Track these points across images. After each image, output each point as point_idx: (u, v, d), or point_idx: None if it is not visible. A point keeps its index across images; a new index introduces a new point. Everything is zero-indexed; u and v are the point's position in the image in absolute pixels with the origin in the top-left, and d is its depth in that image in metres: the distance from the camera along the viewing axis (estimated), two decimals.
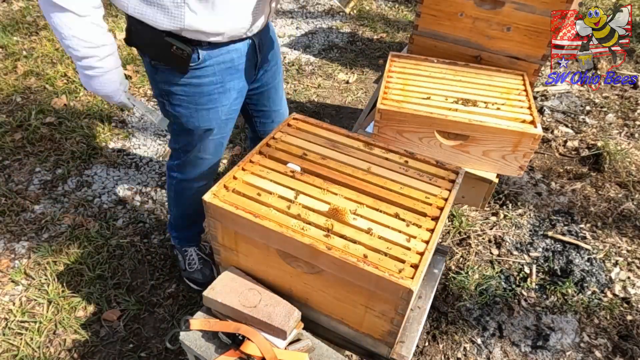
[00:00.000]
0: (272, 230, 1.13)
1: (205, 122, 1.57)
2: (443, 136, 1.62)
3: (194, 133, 1.60)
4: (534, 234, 2.39)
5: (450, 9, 1.92)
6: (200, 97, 1.49)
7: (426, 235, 1.16)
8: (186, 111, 1.53)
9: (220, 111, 1.56)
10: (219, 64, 1.45)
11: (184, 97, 1.49)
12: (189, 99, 1.49)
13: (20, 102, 3.09)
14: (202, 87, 1.47)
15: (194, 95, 1.49)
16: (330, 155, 1.39)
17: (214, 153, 1.71)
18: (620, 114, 3.25)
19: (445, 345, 1.94)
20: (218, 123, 1.59)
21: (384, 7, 4.71)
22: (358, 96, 3.45)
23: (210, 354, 1.24)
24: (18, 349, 1.85)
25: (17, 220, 2.35)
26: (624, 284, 2.17)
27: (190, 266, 2.07)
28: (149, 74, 1.52)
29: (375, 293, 1.10)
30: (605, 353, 1.92)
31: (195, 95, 1.49)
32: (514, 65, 1.94)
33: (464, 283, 2.14)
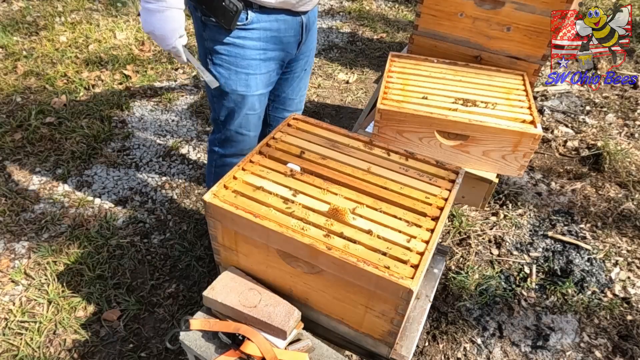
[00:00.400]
0: (272, 230, 1.13)
1: (243, 87, 1.58)
2: (443, 136, 1.62)
3: (231, 99, 1.61)
4: (534, 234, 2.39)
5: (450, 9, 1.92)
6: (242, 59, 1.52)
7: (426, 235, 1.16)
8: (226, 72, 1.55)
9: (258, 78, 1.59)
10: (266, 30, 1.48)
11: (226, 57, 1.52)
12: (231, 59, 1.52)
13: (20, 102, 3.09)
14: (245, 49, 1.50)
15: (236, 56, 1.52)
16: (330, 155, 1.39)
17: (253, 129, 1.74)
18: (620, 114, 3.25)
19: (445, 345, 1.94)
20: (254, 91, 1.61)
21: (384, 7, 4.71)
22: (358, 96, 3.45)
23: (210, 354, 1.24)
24: (18, 349, 1.85)
25: (17, 220, 2.35)
26: (624, 284, 2.17)
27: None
28: (196, 32, 1.56)
29: (375, 293, 1.10)
30: (605, 353, 1.92)
31: (238, 56, 1.52)
32: (514, 65, 1.94)
33: (464, 283, 2.14)
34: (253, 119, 1.71)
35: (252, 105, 1.66)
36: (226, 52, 1.52)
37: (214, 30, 1.48)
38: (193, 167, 2.75)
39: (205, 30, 1.51)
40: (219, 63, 1.55)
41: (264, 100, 1.71)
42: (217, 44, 1.51)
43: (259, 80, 1.60)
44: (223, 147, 1.81)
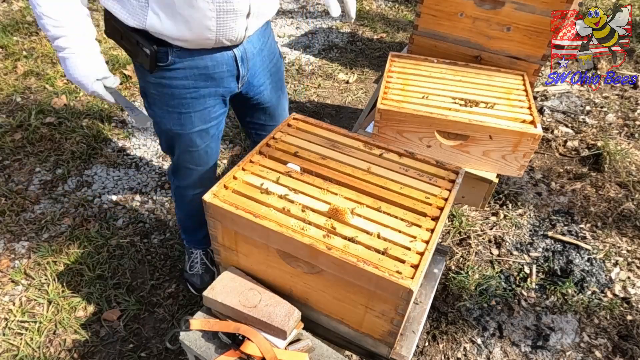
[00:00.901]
0: (272, 230, 1.13)
1: (177, 126, 1.51)
2: (443, 136, 1.62)
3: (169, 136, 1.56)
4: (534, 234, 2.39)
5: (450, 9, 1.92)
6: (172, 98, 1.45)
7: (426, 235, 1.16)
8: (159, 111, 1.49)
9: (193, 117, 1.50)
10: (192, 69, 1.39)
11: (156, 96, 1.46)
12: (161, 99, 1.46)
13: (20, 102, 3.09)
14: (173, 88, 1.42)
15: (165, 95, 1.44)
16: (330, 155, 1.39)
17: (199, 164, 1.66)
18: (620, 114, 3.25)
19: (445, 345, 1.94)
20: (190, 129, 1.53)
21: (384, 7, 4.71)
22: (358, 96, 3.45)
23: (210, 354, 1.24)
24: (18, 349, 1.85)
25: (17, 220, 2.35)
26: (624, 284, 2.17)
27: (191, 268, 2.04)
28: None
29: (375, 293, 1.10)
30: (605, 353, 1.92)
31: (166, 96, 1.44)
32: (514, 65, 1.94)
33: (464, 283, 2.14)
34: (196, 154, 1.62)
35: (191, 143, 1.57)
36: (155, 91, 1.44)
37: (140, 69, 1.42)
38: None
39: (136, 68, 1.46)
40: (151, 101, 1.49)
41: (207, 136, 1.59)
42: (146, 83, 1.44)
43: (195, 118, 1.51)
44: (176, 178, 1.76)
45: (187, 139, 1.56)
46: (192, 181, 1.73)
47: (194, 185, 1.75)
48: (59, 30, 1.24)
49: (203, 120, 1.53)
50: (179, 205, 1.91)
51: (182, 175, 1.72)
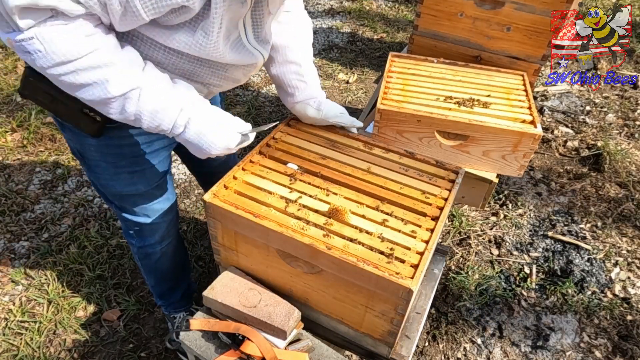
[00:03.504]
0: (272, 230, 1.13)
1: (129, 187, 1.33)
2: (443, 136, 1.62)
3: (120, 198, 1.38)
4: (534, 234, 2.39)
5: (450, 9, 1.92)
6: (121, 158, 1.26)
7: (426, 235, 1.16)
8: (104, 174, 1.29)
9: (147, 173, 1.33)
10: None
11: (99, 160, 1.25)
12: (107, 160, 1.25)
13: (20, 102, 3.09)
14: (124, 147, 1.23)
15: (112, 156, 1.25)
16: (330, 155, 1.39)
17: (163, 213, 1.48)
18: (620, 114, 3.25)
19: (445, 345, 1.94)
20: (147, 187, 1.36)
21: (384, 7, 4.71)
22: (358, 96, 3.45)
23: (210, 354, 1.24)
24: (18, 349, 1.85)
25: (17, 220, 2.35)
26: (624, 284, 2.17)
27: (178, 336, 1.80)
28: (58, 127, 1.27)
29: (375, 293, 1.10)
30: (605, 353, 1.92)
31: (114, 156, 1.25)
32: (514, 65, 1.94)
33: (464, 283, 2.14)
34: (158, 206, 1.45)
35: (150, 198, 1.40)
36: (98, 153, 1.23)
37: (76, 132, 1.19)
38: None
39: (64, 131, 1.23)
40: (92, 164, 1.27)
41: (164, 184, 1.43)
42: (84, 146, 1.22)
43: (148, 174, 1.33)
44: (139, 238, 1.53)
45: (143, 196, 1.39)
46: (158, 235, 1.54)
47: (160, 238, 1.55)
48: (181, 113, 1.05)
49: (159, 173, 1.37)
50: (148, 270, 1.68)
51: (146, 233, 1.51)
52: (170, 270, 1.71)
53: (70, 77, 0.93)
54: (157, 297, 1.83)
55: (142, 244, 1.56)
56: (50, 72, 0.92)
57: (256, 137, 1.86)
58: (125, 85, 0.96)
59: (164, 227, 1.53)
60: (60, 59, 0.90)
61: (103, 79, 0.94)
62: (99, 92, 0.95)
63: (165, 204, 1.48)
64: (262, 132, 1.31)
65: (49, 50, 0.89)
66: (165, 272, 1.70)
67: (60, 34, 0.88)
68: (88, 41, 0.91)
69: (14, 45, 0.90)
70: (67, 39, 0.89)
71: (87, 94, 0.96)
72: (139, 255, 1.61)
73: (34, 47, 0.88)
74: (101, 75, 0.94)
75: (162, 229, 1.53)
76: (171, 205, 1.51)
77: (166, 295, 1.81)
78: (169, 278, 1.74)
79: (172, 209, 1.52)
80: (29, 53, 0.89)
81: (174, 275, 1.75)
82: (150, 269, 1.67)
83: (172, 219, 1.55)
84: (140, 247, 1.57)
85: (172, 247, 1.64)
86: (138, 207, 1.41)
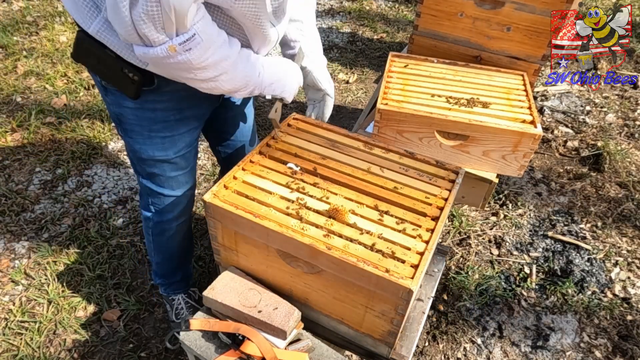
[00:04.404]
0: (272, 230, 1.13)
1: (160, 152, 1.41)
2: (443, 136, 1.62)
3: (150, 164, 1.45)
4: (534, 234, 2.39)
5: (450, 9, 1.92)
6: (154, 122, 1.34)
7: (426, 235, 1.16)
8: (139, 137, 1.38)
9: (177, 140, 1.41)
10: (177, 91, 1.29)
11: (135, 123, 1.35)
12: (141, 124, 1.35)
13: (20, 102, 3.09)
14: (157, 112, 1.32)
15: (147, 120, 1.33)
16: (330, 155, 1.39)
17: (184, 187, 1.56)
18: (620, 114, 3.25)
19: (445, 345, 1.94)
20: (174, 154, 1.44)
21: (384, 7, 4.71)
22: (358, 96, 3.45)
23: (210, 354, 1.24)
24: (18, 349, 1.85)
25: (17, 220, 2.35)
26: (624, 284, 2.17)
27: (177, 316, 1.88)
28: (100, 94, 1.35)
29: (375, 293, 1.10)
30: (605, 353, 1.92)
31: (148, 120, 1.34)
32: (514, 65, 1.94)
33: (464, 283, 2.14)
34: (182, 178, 1.53)
35: (176, 167, 1.48)
36: (135, 116, 1.33)
37: (117, 95, 1.29)
38: None
39: (107, 95, 1.33)
40: (128, 128, 1.37)
41: (191, 157, 1.52)
42: (123, 109, 1.32)
43: (179, 141, 1.42)
44: (156, 212, 1.60)
45: (171, 164, 1.46)
46: (178, 210, 1.60)
47: (178, 214, 1.62)
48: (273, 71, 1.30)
49: (187, 142, 1.45)
50: (158, 247, 1.73)
51: (165, 207, 1.58)
52: (178, 250, 1.76)
53: (211, 59, 1.07)
54: (158, 276, 1.87)
55: (160, 219, 1.62)
56: (199, 60, 1.04)
57: (258, 136, 1.86)
58: (234, 47, 1.15)
59: (184, 203, 1.60)
60: (209, 44, 1.03)
61: (227, 52, 1.12)
62: (224, 63, 1.12)
63: (189, 178, 1.56)
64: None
65: (204, 39, 1.01)
66: (173, 250, 1.75)
67: (206, 22, 1.02)
68: (212, 21, 1.06)
69: (177, 49, 1.00)
70: (208, 24, 1.03)
71: (216, 71, 1.12)
72: (154, 230, 1.66)
73: (196, 41, 1.00)
74: (225, 49, 1.11)
75: (182, 205, 1.60)
76: (193, 181, 1.59)
77: (168, 275, 1.85)
78: (175, 257, 1.79)
79: (193, 185, 1.60)
80: (189, 51, 1.01)
81: (180, 255, 1.81)
82: (161, 245, 1.72)
83: (191, 195, 1.63)
84: (157, 222, 1.63)
85: (186, 226, 1.71)
86: (165, 177, 1.49)
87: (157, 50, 1.00)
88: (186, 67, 1.06)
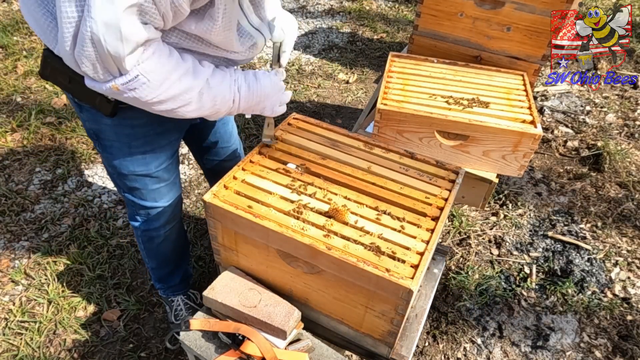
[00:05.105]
0: (272, 230, 1.13)
1: (141, 167, 1.38)
2: (443, 136, 1.62)
3: (132, 179, 1.42)
4: (534, 234, 2.39)
5: (450, 9, 1.92)
6: (134, 139, 1.31)
7: (426, 235, 1.16)
8: (118, 154, 1.34)
9: (158, 153, 1.39)
10: None
11: (114, 140, 1.31)
12: (121, 140, 1.31)
13: (20, 102, 3.09)
14: (136, 128, 1.29)
15: (126, 136, 1.30)
16: (331, 155, 1.39)
17: (169, 197, 1.53)
18: (620, 114, 3.25)
19: (445, 345, 1.94)
20: (157, 167, 1.42)
21: (384, 7, 4.71)
22: (358, 96, 3.45)
23: (210, 354, 1.24)
24: (18, 349, 1.85)
25: (17, 220, 2.35)
26: (624, 284, 2.17)
27: (177, 318, 1.88)
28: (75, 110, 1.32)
29: (375, 293, 1.10)
30: (605, 353, 1.92)
31: (128, 137, 1.30)
32: (514, 65, 1.94)
33: (464, 283, 2.14)
34: (165, 189, 1.50)
35: (159, 180, 1.45)
36: (113, 133, 1.29)
37: (93, 112, 1.25)
38: (193, 167, 2.75)
39: (82, 111, 1.28)
40: (107, 145, 1.33)
41: (173, 168, 1.49)
42: (101, 126, 1.28)
43: (160, 155, 1.39)
44: (143, 222, 1.59)
45: (153, 178, 1.44)
46: (164, 218, 1.58)
47: (165, 222, 1.60)
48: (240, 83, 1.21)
49: (168, 154, 1.43)
50: (150, 253, 1.72)
51: (152, 216, 1.56)
52: (172, 254, 1.76)
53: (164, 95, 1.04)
54: (156, 280, 1.87)
55: (146, 227, 1.60)
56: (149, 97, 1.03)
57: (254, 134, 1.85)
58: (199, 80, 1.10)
59: (169, 212, 1.58)
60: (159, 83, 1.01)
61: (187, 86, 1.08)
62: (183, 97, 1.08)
63: (172, 188, 1.53)
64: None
65: (151, 80, 0.99)
66: (166, 255, 1.74)
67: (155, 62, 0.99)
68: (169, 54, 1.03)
69: (120, 89, 0.99)
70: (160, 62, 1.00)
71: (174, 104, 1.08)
72: (143, 238, 1.65)
73: (140, 82, 0.99)
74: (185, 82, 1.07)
75: (168, 213, 1.58)
76: (177, 190, 1.57)
77: (166, 279, 1.84)
78: (170, 261, 1.78)
79: (177, 194, 1.58)
80: (134, 90, 1.00)
81: (175, 258, 1.80)
82: (153, 252, 1.71)
83: (177, 203, 1.60)
84: (144, 231, 1.61)
85: (175, 231, 1.69)
86: (147, 190, 1.47)
87: (102, 87, 1.00)
88: (138, 102, 1.04)
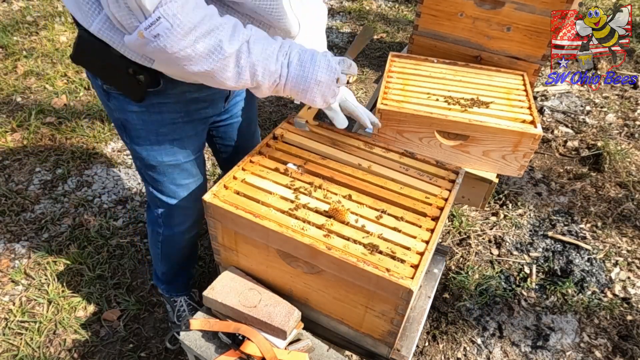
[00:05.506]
0: (272, 230, 1.13)
1: (169, 156, 1.36)
2: (443, 136, 1.62)
3: (160, 171, 1.39)
4: (534, 234, 2.39)
5: (450, 9, 1.92)
6: (162, 125, 1.29)
7: (426, 235, 1.16)
8: (146, 143, 1.32)
9: (186, 143, 1.37)
10: (183, 93, 1.25)
11: (141, 128, 1.29)
12: (149, 128, 1.29)
13: (20, 102, 3.09)
14: (164, 114, 1.27)
15: (154, 123, 1.28)
16: (331, 155, 1.39)
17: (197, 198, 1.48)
18: (620, 114, 3.25)
19: (445, 345, 1.94)
20: (185, 158, 1.40)
21: (384, 7, 4.71)
22: (358, 96, 3.45)
23: (210, 354, 1.24)
24: (18, 349, 1.85)
25: (17, 220, 2.35)
26: (624, 284, 2.17)
27: (179, 318, 1.87)
28: (101, 100, 1.31)
29: (375, 293, 1.10)
30: (605, 353, 1.92)
31: (156, 123, 1.28)
32: (514, 65, 1.94)
33: (464, 283, 2.14)
34: (193, 185, 1.47)
35: (188, 173, 1.43)
36: (140, 121, 1.27)
37: (121, 99, 1.24)
38: None
39: (110, 100, 1.27)
40: (134, 135, 1.31)
41: (201, 163, 1.48)
42: (127, 114, 1.26)
43: (187, 145, 1.37)
44: (168, 225, 1.54)
45: (182, 170, 1.42)
46: (191, 221, 1.55)
47: (190, 226, 1.56)
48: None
49: (195, 146, 1.41)
50: (166, 258, 1.69)
51: (178, 220, 1.52)
52: (185, 259, 1.76)
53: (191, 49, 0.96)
54: (159, 281, 1.87)
55: (170, 232, 1.56)
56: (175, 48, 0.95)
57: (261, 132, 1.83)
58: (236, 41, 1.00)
59: (195, 214, 1.54)
60: (184, 31, 0.93)
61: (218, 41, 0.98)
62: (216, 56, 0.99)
63: (199, 183, 1.50)
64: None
65: (175, 25, 0.92)
66: (180, 260, 1.74)
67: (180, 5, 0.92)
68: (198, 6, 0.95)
69: (145, 36, 0.93)
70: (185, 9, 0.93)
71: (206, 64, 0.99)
72: (164, 242, 1.61)
73: (163, 26, 0.92)
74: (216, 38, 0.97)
75: (194, 217, 1.54)
76: (203, 189, 1.52)
77: (172, 281, 1.85)
78: (181, 265, 1.78)
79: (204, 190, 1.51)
80: (158, 37, 0.93)
81: (185, 262, 1.80)
82: (169, 256, 1.69)
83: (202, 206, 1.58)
84: (168, 236, 1.58)
85: (196, 238, 1.69)
86: (176, 185, 1.43)
87: (131, 38, 0.95)
88: (166, 57, 0.97)
